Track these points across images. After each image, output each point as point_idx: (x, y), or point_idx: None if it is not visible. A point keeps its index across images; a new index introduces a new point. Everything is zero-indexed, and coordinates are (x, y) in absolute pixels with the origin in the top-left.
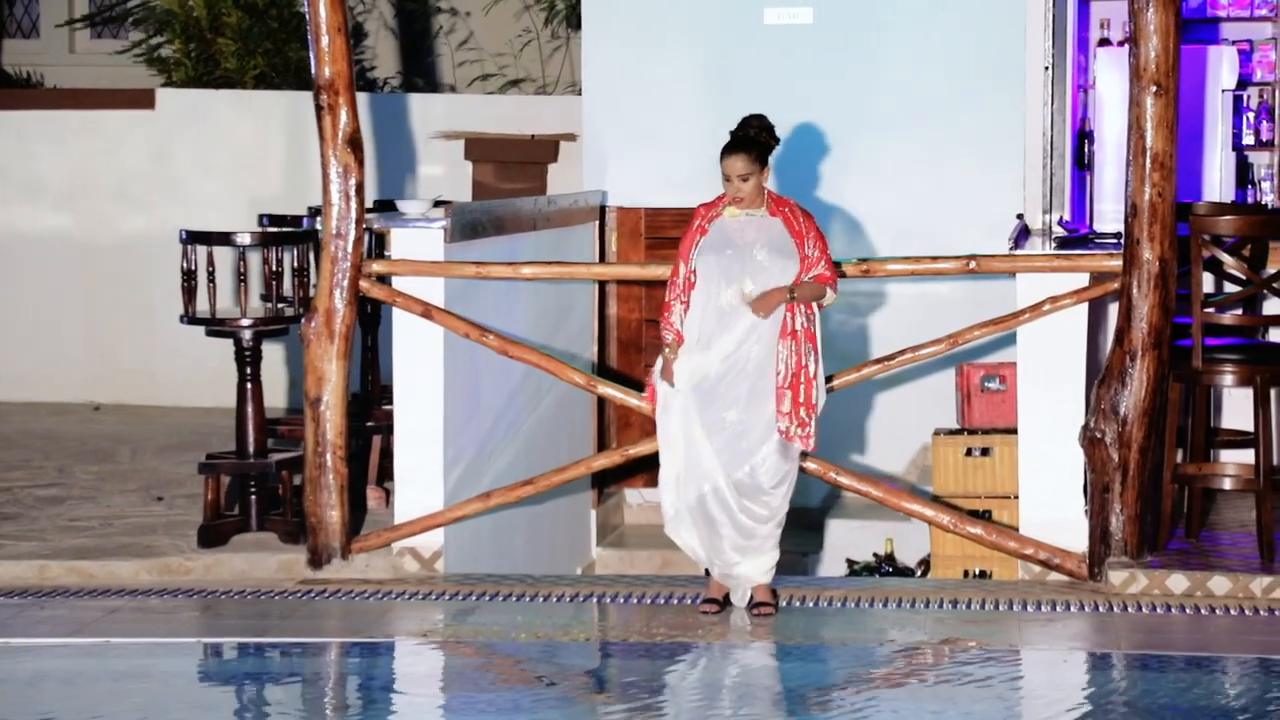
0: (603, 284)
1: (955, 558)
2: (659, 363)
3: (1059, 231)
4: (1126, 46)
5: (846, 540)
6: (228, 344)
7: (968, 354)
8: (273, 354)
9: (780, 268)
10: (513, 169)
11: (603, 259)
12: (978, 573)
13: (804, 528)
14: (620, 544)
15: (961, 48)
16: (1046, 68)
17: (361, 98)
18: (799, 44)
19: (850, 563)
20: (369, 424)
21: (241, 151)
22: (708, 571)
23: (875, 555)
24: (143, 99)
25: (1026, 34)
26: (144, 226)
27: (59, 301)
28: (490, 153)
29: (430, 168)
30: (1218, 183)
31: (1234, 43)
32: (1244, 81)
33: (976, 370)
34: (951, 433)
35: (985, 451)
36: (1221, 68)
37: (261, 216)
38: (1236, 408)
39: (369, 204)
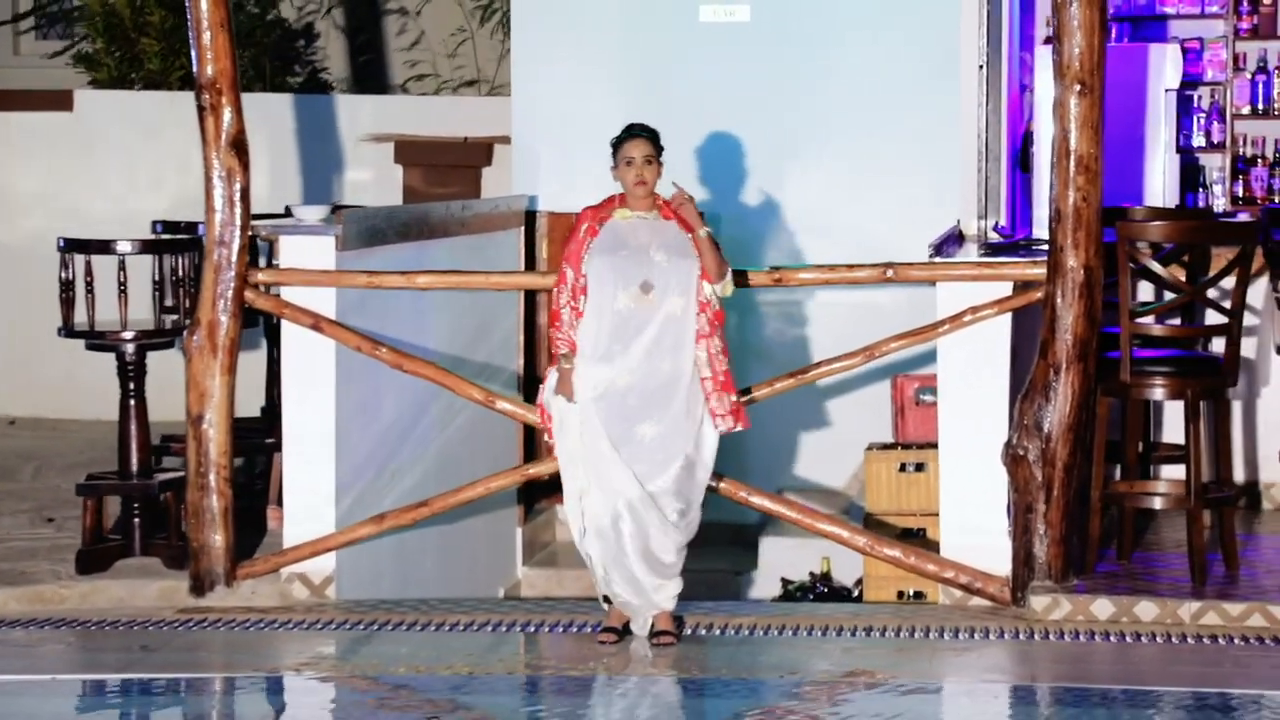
0: (531, 293)
1: (888, 578)
2: (550, 379)
3: (993, 237)
4: None
5: (782, 559)
6: (161, 355)
7: (905, 365)
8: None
9: (680, 269)
10: (444, 173)
11: (532, 266)
12: (912, 594)
13: (739, 545)
14: (550, 563)
15: (902, 46)
16: (981, 66)
17: (284, 98)
18: (736, 42)
19: (785, 582)
20: (270, 441)
21: (163, 155)
22: (607, 599)
23: (811, 574)
24: (60, 101)
25: (961, 32)
26: (60, 233)
27: None
28: (420, 156)
29: (358, 172)
30: (1161, 186)
31: (1184, 41)
32: (1195, 81)
33: (911, 382)
34: (885, 447)
35: (919, 467)
36: (1164, 66)
37: (155, 223)
38: (1179, 422)
39: (281, 210)
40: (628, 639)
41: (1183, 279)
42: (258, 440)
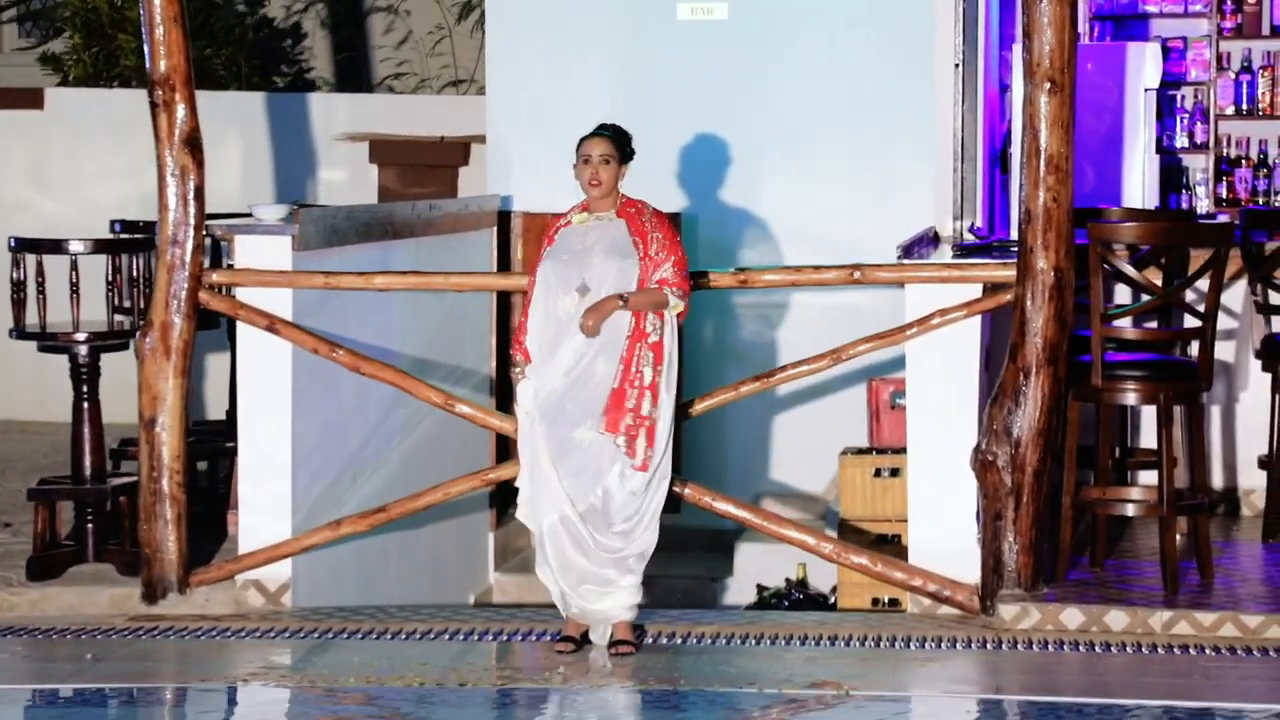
0: (504, 295)
1: (862, 585)
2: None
3: (969, 239)
4: None
5: (758, 564)
6: (122, 356)
7: (884, 368)
8: None
9: (617, 269)
10: (420, 172)
11: (507, 267)
12: (887, 601)
13: (715, 551)
14: (524, 568)
15: (881, 44)
16: (956, 65)
17: (257, 97)
18: (713, 40)
19: (761, 588)
20: (233, 444)
21: (134, 153)
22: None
23: (787, 580)
24: (30, 99)
25: (936, 30)
26: (33, 232)
27: None
28: (396, 155)
29: (333, 172)
30: (1140, 188)
31: (1167, 40)
32: (1178, 81)
33: (886, 386)
34: (860, 452)
35: (894, 472)
36: (1144, 65)
37: (114, 222)
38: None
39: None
40: (586, 648)
41: (1160, 282)
42: (221, 444)
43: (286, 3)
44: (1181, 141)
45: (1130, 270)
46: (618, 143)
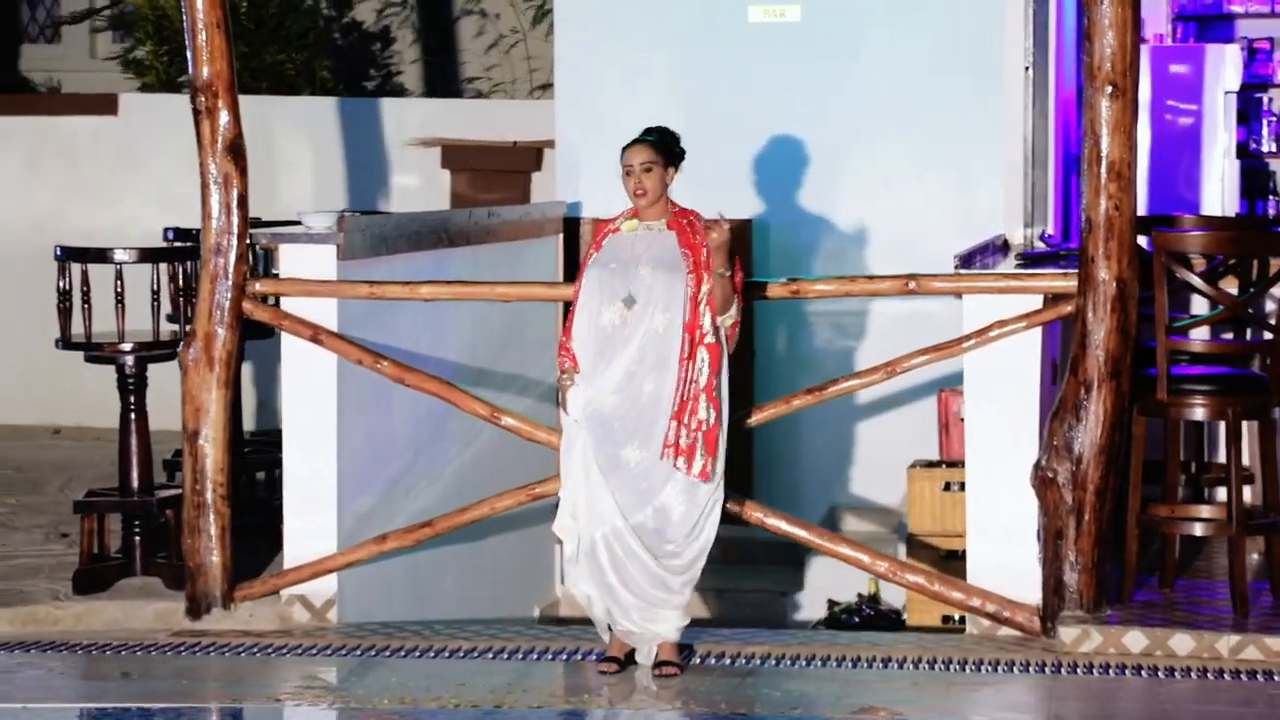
0: (570, 304)
1: (931, 602)
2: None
3: (1039, 246)
4: None
5: (829, 579)
6: (174, 366)
7: (955, 379)
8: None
9: (664, 283)
10: (491, 177)
11: (574, 276)
12: (958, 618)
13: (785, 565)
14: None
15: (952, 48)
16: (1026, 68)
17: (329, 102)
18: (786, 43)
19: (832, 603)
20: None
21: None
22: (610, 627)
23: (859, 596)
24: (106, 104)
25: (1005, 32)
26: (106, 239)
27: (18, 318)
28: (467, 160)
29: (405, 177)
30: (1219, 194)
31: (1253, 41)
32: (1264, 83)
33: (956, 398)
34: (929, 465)
35: (964, 486)
36: (1223, 68)
37: (166, 230)
38: None
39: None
40: (630, 669)
41: (1236, 293)
42: (277, 454)
43: (377, 6)
44: (1268, 146)
45: (1195, 280)
46: (659, 147)
